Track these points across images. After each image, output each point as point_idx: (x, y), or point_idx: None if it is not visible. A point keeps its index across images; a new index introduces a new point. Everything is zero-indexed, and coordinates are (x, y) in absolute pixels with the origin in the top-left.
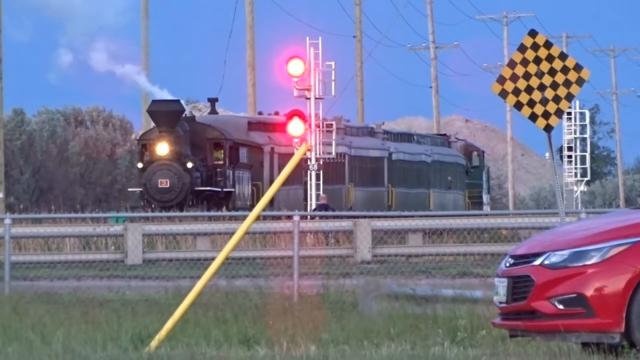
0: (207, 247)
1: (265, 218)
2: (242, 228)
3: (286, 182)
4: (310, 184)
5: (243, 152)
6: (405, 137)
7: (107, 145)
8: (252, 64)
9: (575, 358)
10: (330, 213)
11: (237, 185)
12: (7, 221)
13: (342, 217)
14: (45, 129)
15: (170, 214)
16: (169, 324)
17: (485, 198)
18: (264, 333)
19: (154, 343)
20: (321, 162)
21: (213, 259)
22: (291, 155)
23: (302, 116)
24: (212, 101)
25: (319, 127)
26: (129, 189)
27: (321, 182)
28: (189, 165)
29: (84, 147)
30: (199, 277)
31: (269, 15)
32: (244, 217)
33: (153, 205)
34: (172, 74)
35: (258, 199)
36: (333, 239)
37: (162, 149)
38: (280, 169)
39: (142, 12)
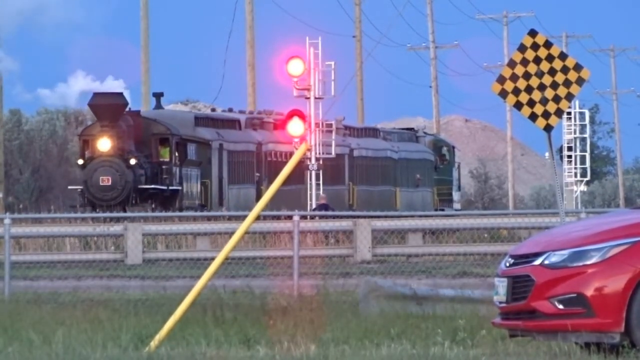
0: (207, 247)
1: (265, 218)
2: (241, 228)
3: (238, 181)
4: (310, 184)
5: (191, 149)
6: (370, 132)
7: None
8: (252, 63)
9: (575, 358)
10: (330, 213)
11: (185, 183)
12: (7, 221)
13: (342, 217)
14: (45, 128)
15: (170, 213)
16: (169, 324)
17: (456, 195)
18: (264, 333)
19: (154, 343)
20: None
21: (213, 258)
22: (241, 152)
23: (302, 116)
24: (157, 96)
25: (318, 126)
26: (69, 187)
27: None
28: (132, 161)
29: None
30: (199, 277)
31: (269, 15)
32: (244, 217)
33: (93, 205)
34: (172, 74)
35: (206, 198)
36: (333, 238)
37: (104, 144)
38: (229, 167)
39: (142, 12)
